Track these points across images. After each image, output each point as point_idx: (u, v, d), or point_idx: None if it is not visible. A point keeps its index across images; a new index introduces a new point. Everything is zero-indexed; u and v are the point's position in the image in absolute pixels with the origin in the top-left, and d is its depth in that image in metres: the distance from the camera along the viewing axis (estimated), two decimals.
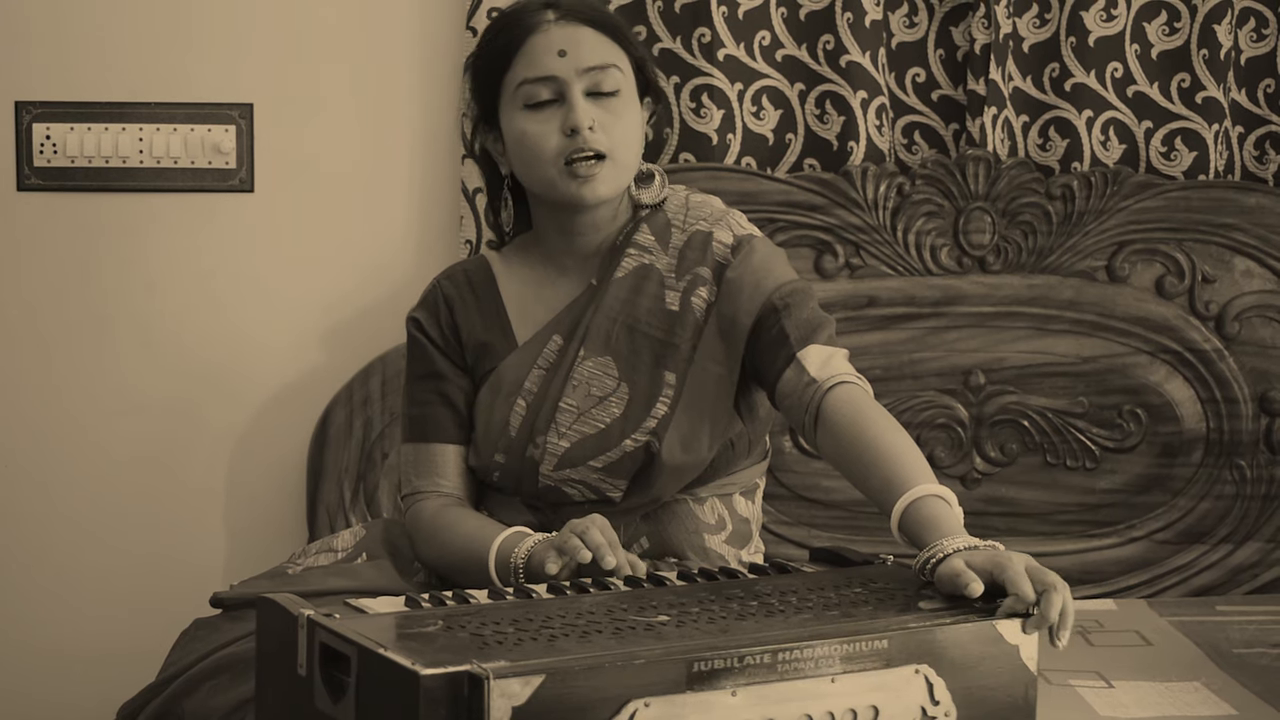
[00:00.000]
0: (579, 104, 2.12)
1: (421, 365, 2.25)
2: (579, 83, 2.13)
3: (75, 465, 3.06)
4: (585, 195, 2.13)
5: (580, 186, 2.13)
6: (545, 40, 2.14)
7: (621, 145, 2.14)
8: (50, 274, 3.03)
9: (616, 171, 2.14)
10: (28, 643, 3.07)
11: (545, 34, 2.14)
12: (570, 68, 2.12)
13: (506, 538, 2.04)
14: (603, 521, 1.96)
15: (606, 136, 2.12)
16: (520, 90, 2.14)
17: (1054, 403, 3.08)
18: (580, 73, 2.13)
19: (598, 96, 2.14)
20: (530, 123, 2.14)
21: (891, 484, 1.90)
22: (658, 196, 2.22)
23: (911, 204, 3.03)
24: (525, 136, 2.14)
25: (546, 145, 2.13)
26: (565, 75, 2.12)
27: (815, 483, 3.04)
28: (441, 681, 1.46)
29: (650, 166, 2.24)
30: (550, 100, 2.13)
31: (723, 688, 1.53)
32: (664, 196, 2.23)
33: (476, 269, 2.28)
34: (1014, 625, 1.69)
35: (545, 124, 2.13)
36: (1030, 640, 1.69)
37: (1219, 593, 3.09)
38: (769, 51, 3.04)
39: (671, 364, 2.16)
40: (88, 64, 3.00)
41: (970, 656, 1.66)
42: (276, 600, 1.69)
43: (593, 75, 2.13)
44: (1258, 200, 3.08)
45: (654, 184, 2.23)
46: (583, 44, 2.13)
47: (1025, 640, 1.69)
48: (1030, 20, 3.09)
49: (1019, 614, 1.69)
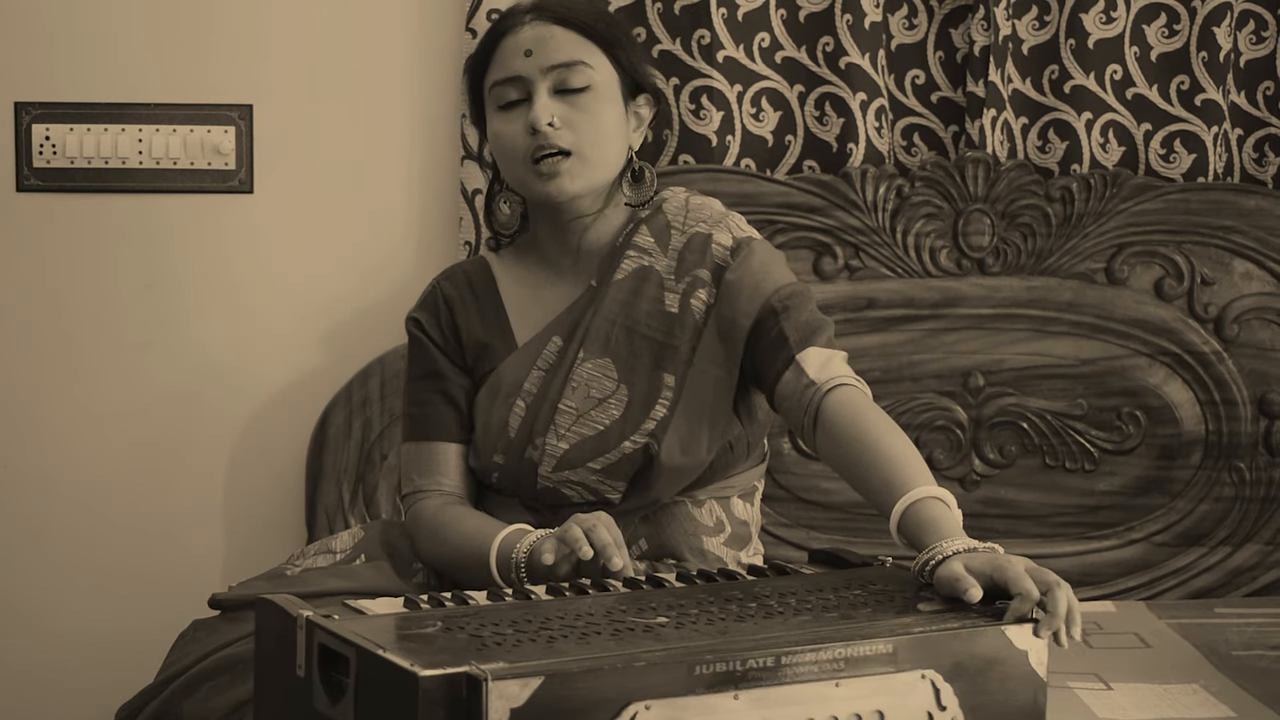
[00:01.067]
0: (539, 101, 2.13)
1: (422, 365, 2.25)
2: (544, 81, 2.14)
3: (73, 466, 3.05)
4: (551, 192, 2.14)
5: (546, 184, 2.13)
6: (514, 41, 2.16)
7: (589, 142, 2.14)
8: (49, 275, 3.03)
9: (585, 168, 2.14)
10: (26, 643, 3.07)
11: (515, 35, 2.16)
12: (535, 66, 2.14)
13: (508, 535, 2.04)
14: (609, 520, 1.95)
15: (572, 133, 2.13)
16: (493, 92, 2.17)
17: (1053, 405, 3.08)
18: (545, 70, 2.14)
19: (565, 94, 2.14)
20: (501, 123, 2.16)
21: (890, 486, 1.90)
22: (645, 195, 2.22)
23: (911, 206, 3.03)
24: (498, 137, 2.17)
25: (515, 145, 2.14)
26: (529, 74, 2.14)
27: (814, 485, 3.04)
28: (440, 683, 1.46)
29: (641, 164, 2.24)
30: (519, 100, 2.15)
31: (725, 691, 1.53)
32: (652, 195, 2.23)
33: (476, 270, 2.28)
34: (1023, 630, 1.67)
35: (514, 124, 2.14)
36: (1040, 646, 1.68)
37: (1218, 595, 3.09)
38: (768, 53, 3.04)
39: (670, 366, 2.16)
40: (87, 65, 3.00)
41: (978, 662, 1.65)
42: (275, 601, 1.69)
43: (558, 73, 2.14)
44: (1257, 203, 3.08)
45: (644, 183, 2.23)
46: (549, 42, 2.14)
47: (1034, 646, 1.68)
48: (1030, 22, 3.09)
49: (1026, 617, 1.68)
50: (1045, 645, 1.69)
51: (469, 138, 2.96)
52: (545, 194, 2.14)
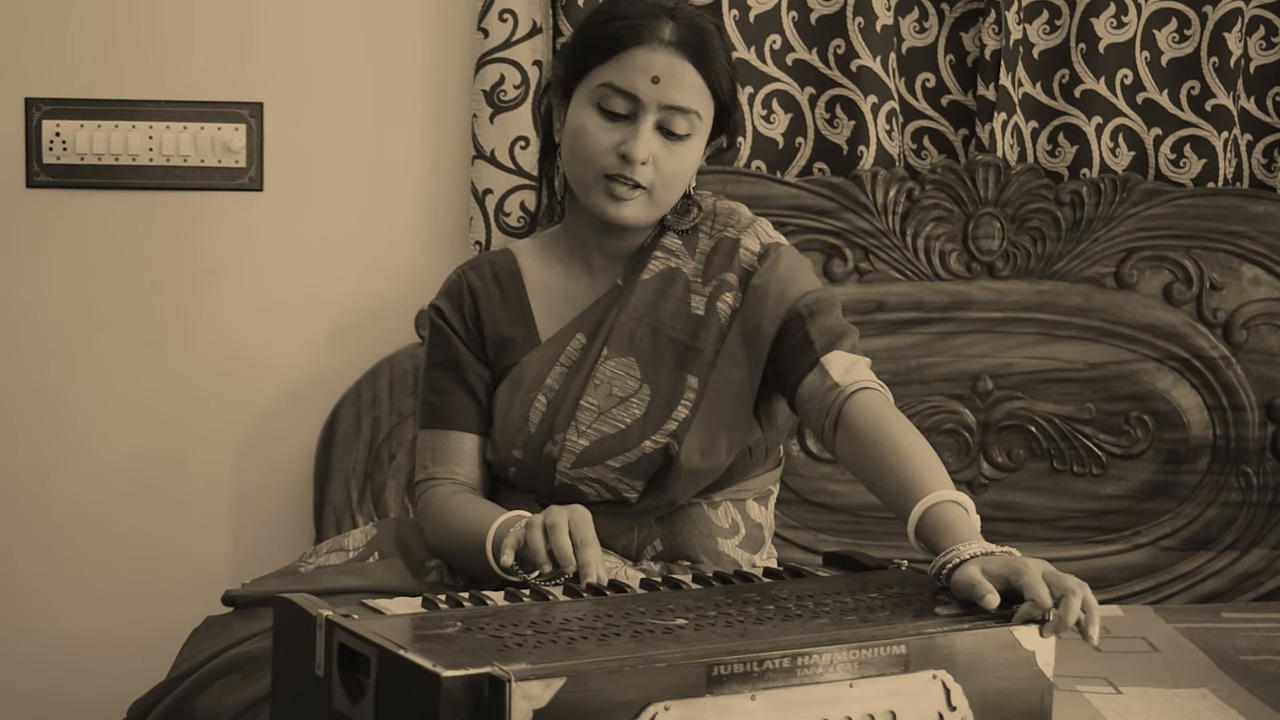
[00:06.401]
0: (643, 135, 2.10)
1: (442, 353, 2.24)
2: (655, 114, 2.11)
3: (82, 462, 3.05)
4: (610, 213, 2.13)
5: (609, 204, 2.12)
6: (647, 58, 2.10)
7: (665, 185, 2.13)
8: (59, 271, 3.03)
9: (651, 205, 2.14)
10: (37, 641, 3.07)
11: (651, 52, 2.10)
12: (655, 97, 2.10)
13: (503, 521, 2.02)
14: (579, 516, 1.92)
15: (655, 173, 2.12)
16: (599, 89, 2.12)
17: (1061, 409, 3.08)
18: (661, 106, 2.11)
19: (666, 133, 2.12)
20: (593, 123, 2.12)
21: (909, 489, 1.91)
22: (686, 224, 2.22)
23: (921, 209, 3.03)
24: (582, 133, 2.13)
25: (597, 153, 2.11)
26: (647, 100, 2.10)
27: (822, 487, 3.04)
28: (462, 683, 1.46)
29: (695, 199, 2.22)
30: (622, 114, 2.12)
31: (742, 692, 1.53)
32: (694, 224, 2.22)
33: (502, 262, 2.27)
34: (1031, 631, 1.69)
35: (605, 133, 2.11)
36: (1047, 646, 1.69)
37: (1224, 599, 3.09)
38: (779, 55, 3.04)
39: (694, 368, 2.16)
40: (98, 61, 3.00)
41: (987, 662, 1.66)
42: (294, 600, 1.69)
43: (671, 114, 2.11)
44: (1266, 208, 3.09)
45: (690, 215, 2.22)
46: (678, 80, 2.10)
47: (1042, 646, 1.69)
48: (1040, 26, 3.09)
49: (1035, 620, 1.69)
50: (1053, 646, 1.70)
51: (480, 137, 2.96)
52: (604, 211, 2.13)
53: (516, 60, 2.95)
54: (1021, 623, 1.69)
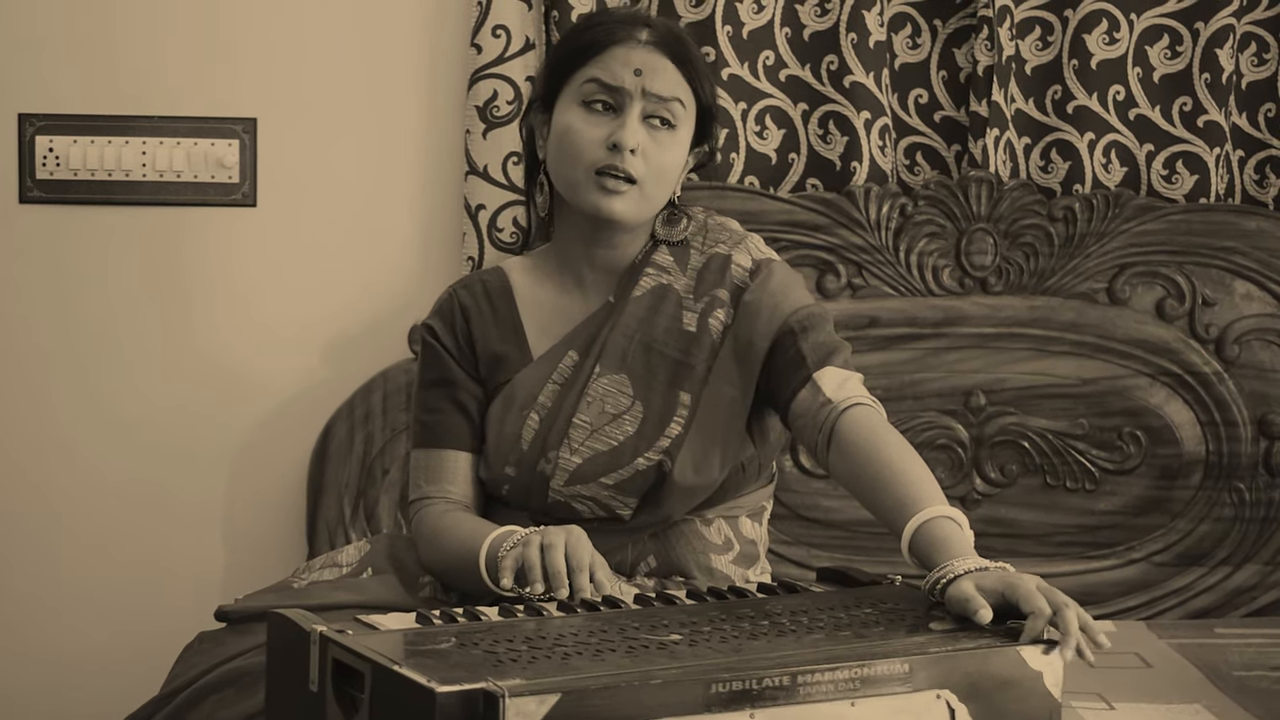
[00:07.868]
0: (631, 123, 2.12)
1: (434, 371, 2.24)
2: (641, 103, 2.13)
3: (75, 477, 3.05)
4: (603, 208, 2.13)
5: (601, 198, 2.13)
6: (627, 54, 2.14)
7: (655, 177, 2.14)
8: (52, 286, 3.03)
9: (642, 200, 2.15)
10: (30, 655, 3.06)
11: (630, 49, 2.14)
12: (639, 87, 2.13)
13: (496, 537, 2.03)
14: (575, 538, 1.93)
15: (645, 164, 2.13)
16: (584, 86, 2.15)
17: (1054, 424, 3.08)
18: (646, 95, 2.13)
19: (652, 124, 2.14)
20: (580, 120, 2.14)
21: (903, 504, 1.91)
22: (675, 236, 2.23)
23: (914, 224, 3.04)
24: (570, 131, 2.14)
25: (588, 148, 2.13)
26: (632, 90, 2.13)
27: (815, 502, 3.04)
28: (457, 699, 1.45)
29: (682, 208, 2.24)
30: (608, 107, 2.14)
31: (741, 709, 1.53)
32: (684, 236, 2.23)
33: (494, 280, 2.27)
34: (1038, 651, 1.67)
35: (593, 128, 2.13)
36: (1055, 667, 1.67)
37: (1217, 615, 3.09)
38: (773, 71, 3.05)
39: (686, 384, 2.16)
40: (91, 77, 3.00)
41: (994, 682, 1.64)
42: (288, 615, 1.69)
43: (656, 103, 2.14)
44: (1258, 224, 3.09)
45: (679, 225, 2.23)
46: (660, 72, 2.14)
47: (1050, 667, 1.67)
48: (1033, 43, 3.10)
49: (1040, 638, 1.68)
50: (1060, 666, 1.68)
51: (473, 152, 2.96)
52: (597, 208, 2.14)
53: (509, 76, 2.96)
54: (1029, 640, 1.67)
